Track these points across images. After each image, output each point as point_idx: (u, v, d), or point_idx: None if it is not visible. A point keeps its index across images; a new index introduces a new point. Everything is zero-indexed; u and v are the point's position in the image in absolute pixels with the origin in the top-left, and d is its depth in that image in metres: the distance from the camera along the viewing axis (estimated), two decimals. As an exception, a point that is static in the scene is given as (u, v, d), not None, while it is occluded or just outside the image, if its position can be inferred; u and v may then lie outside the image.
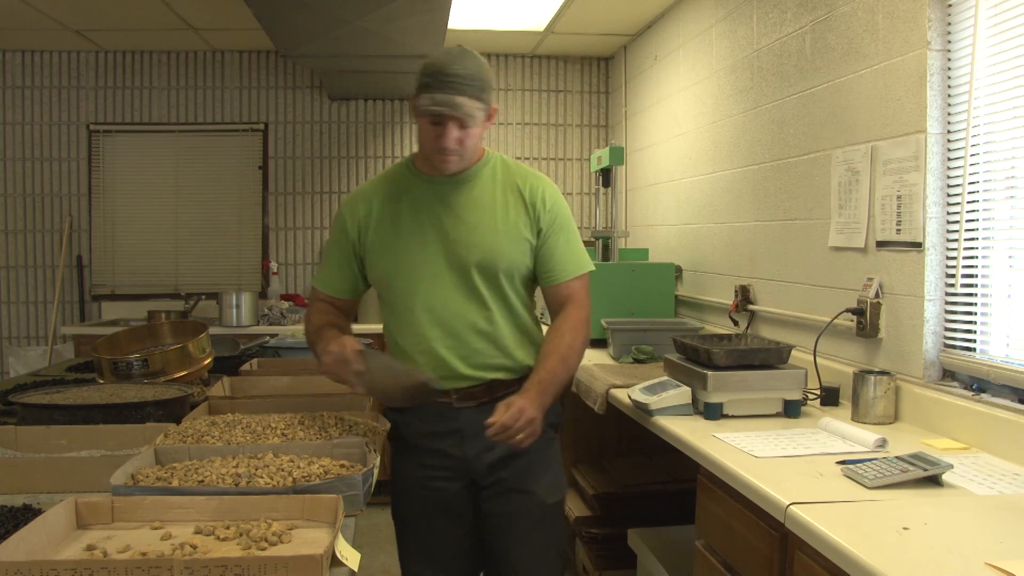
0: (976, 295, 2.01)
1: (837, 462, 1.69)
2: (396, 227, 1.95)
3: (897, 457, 1.62)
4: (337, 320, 2.03)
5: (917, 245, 2.11)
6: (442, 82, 1.79)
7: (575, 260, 1.99)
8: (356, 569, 1.20)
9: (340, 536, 1.21)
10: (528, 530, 1.98)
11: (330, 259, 2.05)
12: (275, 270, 5.04)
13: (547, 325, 2.02)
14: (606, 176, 3.90)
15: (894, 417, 2.11)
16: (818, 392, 2.30)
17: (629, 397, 2.32)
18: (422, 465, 1.97)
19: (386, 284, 1.98)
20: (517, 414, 1.75)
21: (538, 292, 2.07)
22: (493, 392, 1.92)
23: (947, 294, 2.09)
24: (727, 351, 2.17)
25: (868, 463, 1.61)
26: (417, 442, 1.98)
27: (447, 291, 1.92)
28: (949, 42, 2.06)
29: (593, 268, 2.03)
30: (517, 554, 1.98)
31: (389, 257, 1.95)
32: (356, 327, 4.43)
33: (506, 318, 1.95)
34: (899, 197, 2.18)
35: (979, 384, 1.96)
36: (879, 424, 2.07)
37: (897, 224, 2.19)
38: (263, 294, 4.97)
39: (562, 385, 1.93)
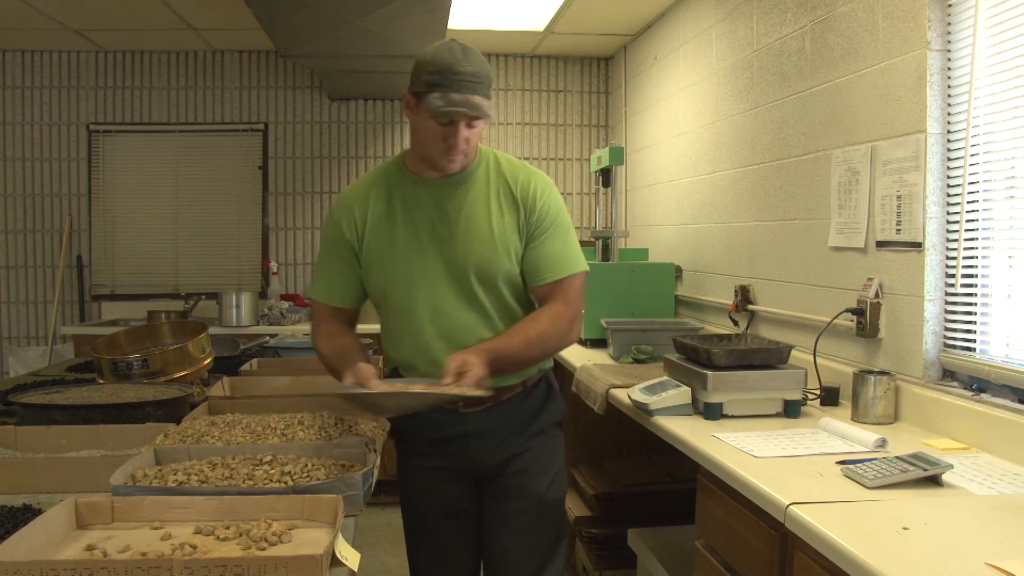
0: (976, 295, 2.01)
1: (837, 462, 1.69)
2: (391, 233, 1.87)
3: (897, 457, 1.62)
4: (350, 343, 1.90)
5: (917, 245, 2.11)
6: (455, 81, 1.71)
7: (564, 259, 1.89)
8: (356, 569, 1.20)
9: (340, 536, 1.21)
10: (526, 526, 1.96)
11: (329, 266, 1.93)
12: (275, 270, 5.04)
13: None
14: (606, 176, 3.90)
15: (894, 417, 2.11)
16: (818, 392, 2.30)
17: (629, 397, 2.32)
18: (429, 469, 1.96)
19: (383, 293, 1.89)
20: (463, 366, 1.69)
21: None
22: (499, 396, 1.89)
23: (947, 294, 2.09)
24: (727, 351, 2.17)
25: (868, 463, 1.61)
26: (423, 447, 1.96)
27: (448, 300, 1.86)
28: (949, 42, 2.06)
29: (586, 268, 1.92)
30: (512, 548, 1.97)
31: (386, 265, 1.87)
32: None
33: (509, 325, 1.89)
34: (899, 197, 2.18)
35: (979, 384, 1.96)
36: (879, 424, 2.07)
37: (897, 224, 2.19)
38: (263, 294, 4.98)
39: (517, 364, 1.86)
